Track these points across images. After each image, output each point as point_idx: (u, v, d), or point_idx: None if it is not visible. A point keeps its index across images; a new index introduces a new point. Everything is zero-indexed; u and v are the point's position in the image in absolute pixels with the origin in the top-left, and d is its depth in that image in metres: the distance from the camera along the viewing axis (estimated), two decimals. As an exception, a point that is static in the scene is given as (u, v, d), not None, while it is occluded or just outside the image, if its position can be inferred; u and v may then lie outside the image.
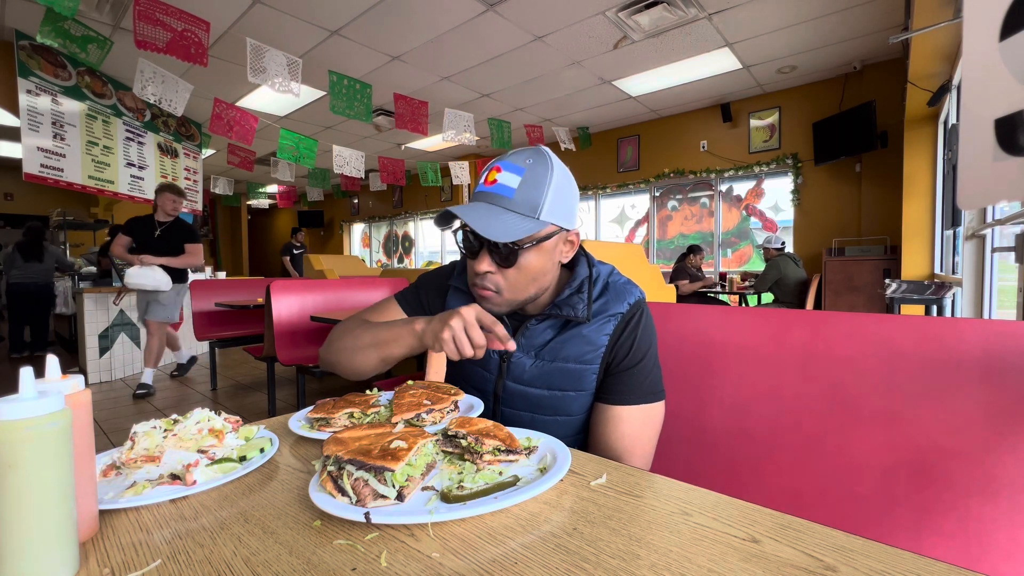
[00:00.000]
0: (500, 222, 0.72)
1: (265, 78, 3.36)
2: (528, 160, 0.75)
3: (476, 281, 0.79)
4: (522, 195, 0.73)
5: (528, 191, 0.73)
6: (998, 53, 0.77)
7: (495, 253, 0.75)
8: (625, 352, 0.80)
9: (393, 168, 6.23)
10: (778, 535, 0.43)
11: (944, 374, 0.72)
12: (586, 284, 0.82)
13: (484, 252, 0.76)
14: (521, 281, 0.77)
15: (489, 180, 0.75)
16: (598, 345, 0.80)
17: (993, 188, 0.79)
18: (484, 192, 0.76)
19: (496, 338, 0.70)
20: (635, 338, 0.80)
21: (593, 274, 0.83)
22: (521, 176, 0.74)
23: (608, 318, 0.80)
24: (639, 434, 0.80)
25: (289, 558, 0.41)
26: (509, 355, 0.83)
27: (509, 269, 0.76)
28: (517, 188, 0.73)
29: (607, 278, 0.84)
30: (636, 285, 0.85)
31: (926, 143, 3.94)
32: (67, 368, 3.78)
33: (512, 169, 0.74)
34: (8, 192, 8.68)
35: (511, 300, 0.79)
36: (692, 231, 6.36)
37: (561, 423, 0.83)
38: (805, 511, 0.54)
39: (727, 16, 3.78)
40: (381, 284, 3.35)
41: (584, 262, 0.85)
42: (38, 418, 0.37)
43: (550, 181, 0.74)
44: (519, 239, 0.72)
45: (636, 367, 0.80)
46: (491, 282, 0.77)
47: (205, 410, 0.65)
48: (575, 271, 0.85)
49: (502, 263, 0.76)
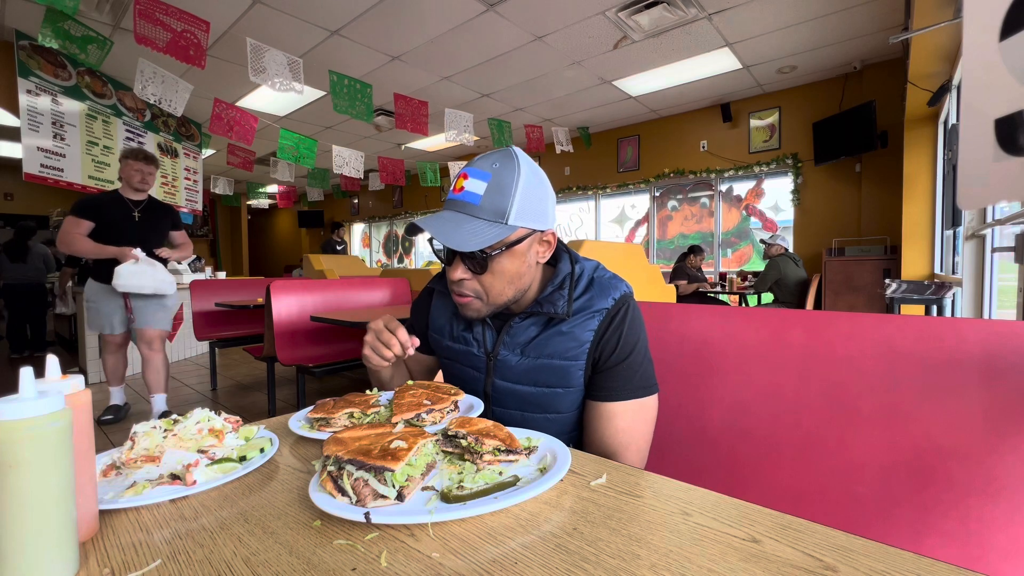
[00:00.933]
0: (465, 231, 0.72)
1: (265, 78, 3.36)
2: (494, 164, 0.75)
3: (454, 288, 0.80)
4: (488, 201, 0.73)
5: (494, 197, 0.73)
6: (998, 53, 0.77)
7: (467, 260, 0.76)
8: (612, 348, 0.79)
9: (393, 168, 6.23)
10: (778, 535, 0.43)
11: (944, 374, 0.72)
12: (567, 280, 0.82)
13: (457, 260, 0.77)
14: (497, 285, 0.78)
15: (457, 188, 0.75)
16: (582, 341, 0.79)
17: (993, 188, 0.79)
18: (452, 200, 0.76)
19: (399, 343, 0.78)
20: (621, 333, 0.80)
21: (576, 271, 0.83)
22: (487, 182, 0.73)
23: (592, 314, 0.80)
24: (633, 429, 0.80)
25: (289, 558, 0.41)
26: (496, 353, 0.83)
27: (483, 275, 0.77)
28: (483, 194, 0.73)
29: (592, 274, 0.84)
30: (623, 280, 0.85)
31: (926, 143, 3.94)
32: (67, 368, 3.77)
33: (478, 175, 0.74)
34: (8, 192, 8.68)
35: (492, 304, 0.80)
36: (692, 231, 6.36)
37: (552, 420, 0.83)
38: (805, 511, 0.54)
39: (727, 16, 3.78)
40: (381, 284, 3.35)
41: (567, 259, 0.85)
42: (38, 418, 0.37)
43: (516, 184, 0.74)
44: (487, 246, 0.72)
45: (625, 362, 0.79)
46: (468, 288, 0.79)
47: (205, 410, 0.65)
48: (557, 268, 0.85)
49: (475, 270, 0.77)
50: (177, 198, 5.83)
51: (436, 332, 0.93)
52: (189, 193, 6.04)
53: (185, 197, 5.98)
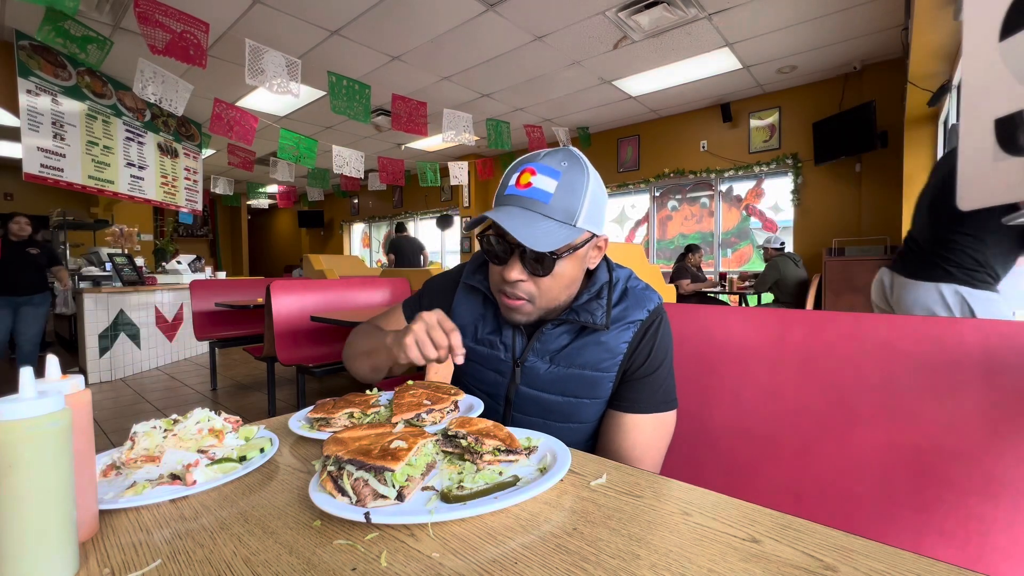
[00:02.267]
0: (539, 229, 0.68)
1: (264, 79, 3.35)
2: (563, 163, 0.71)
3: (505, 289, 0.75)
4: (559, 201, 0.69)
5: (565, 197, 0.70)
6: (998, 53, 0.77)
7: (531, 261, 0.71)
8: (643, 360, 0.78)
9: (392, 168, 6.23)
10: (778, 535, 0.43)
11: (944, 374, 0.72)
12: (606, 289, 0.79)
13: (515, 259, 0.72)
14: (555, 289, 0.75)
15: (522, 183, 0.71)
16: (616, 353, 0.77)
17: (993, 188, 0.79)
18: (517, 196, 0.71)
19: (452, 347, 0.69)
20: (653, 346, 0.78)
21: (613, 279, 0.81)
22: (558, 180, 0.70)
23: (627, 325, 0.77)
24: (650, 443, 0.78)
25: (289, 558, 0.41)
26: (523, 359, 0.80)
27: (543, 278, 0.73)
28: (554, 193, 0.69)
29: (626, 283, 0.82)
30: (654, 291, 0.83)
31: (926, 143, 3.94)
32: (67, 368, 3.78)
33: (547, 172, 0.70)
34: (8, 192, 8.68)
35: (543, 308, 0.76)
36: (692, 231, 6.36)
37: (574, 430, 0.81)
38: (805, 511, 0.54)
39: (727, 16, 3.78)
40: (381, 284, 3.35)
41: (604, 266, 0.83)
42: (38, 418, 0.37)
43: (587, 186, 0.71)
44: (558, 247, 0.68)
45: (652, 375, 0.78)
46: (523, 291, 0.74)
47: (205, 410, 0.65)
48: (594, 275, 0.82)
49: (537, 272, 0.72)
50: (177, 198, 5.83)
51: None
52: (189, 193, 6.04)
53: (185, 197, 5.98)
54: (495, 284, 0.78)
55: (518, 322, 0.79)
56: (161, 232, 10.02)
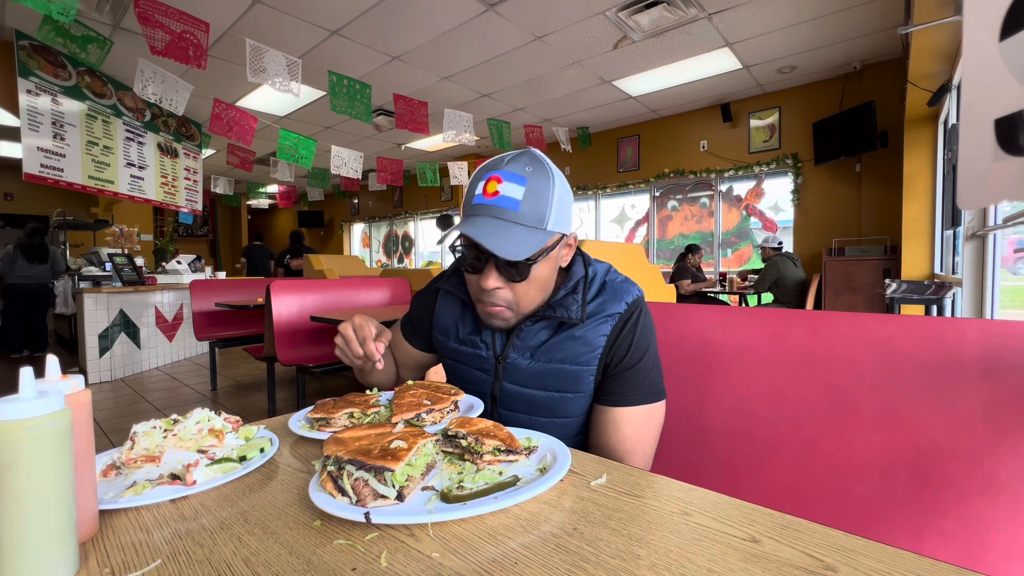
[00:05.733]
0: (512, 238, 0.69)
1: (265, 78, 3.35)
2: (528, 168, 0.72)
3: (483, 298, 0.77)
4: (528, 207, 0.70)
5: (533, 202, 0.71)
6: (998, 53, 0.77)
7: (506, 269, 0.72)
8: (623, 353, 0.78)
9: (391, 168, 6.23)
10: (778, 535, 0.43)
11: (944, 374, 0.72)
12: (581, 284, 0.80)
13: (491, 268, 0.73)
14: (531, 293, 0.76)
15: (489, 191, 0.71)
16: (595, 346, 0.78)
17: (993, 188, 0.79)
18: (485, 205, 0.72)
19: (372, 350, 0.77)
20: (633, 338, 0.78)
21: (589, 273, 0.82)
22: (524, 186, 0.71)
23: (605, 318, 0.78)
24: (640, 436, 0.79)
25: (289, 558, 0.41)
26: (505, 356, 0.81)
27: (520, 283, 0.74)
28: (522, 199, 0.70)
29: (604, 277, 0.83)
30: (634, 283, 0.84)
31: (926, 143, 3.94)
32: (67, 368, 3.77)
33: (513, 179, 0.71)
34: (8, 192, 8.68)
35: (522, 313, 0.78)
36: (692, 231, 6.36)
37: (560, 425, 0.82)
38: (805, 511, 0.53)
39: (727, 16, 3.78)
40: (381, 284, 3.36)
41: (580, 261, 0.84)
42: (38, 418, 0.37)
43: (553, 189, 0.72)
44: (532, 254, 0.70)
45: (635, 367, 0.78)
46: (500, 298, 0.75)
47: (205, 410, 0.65)
48: (571, 271, 0.83)
49: (513, 278, 0.73)
50: (177, 198, 5.83)
51: (441, 333, 0.90)
52: (189, 193, 6.04)
53: (185, 197, 5.98)
54: (474, 293, 0.80)
55: (500, 328, 0.81)
56: (161, 232, 10.03)
